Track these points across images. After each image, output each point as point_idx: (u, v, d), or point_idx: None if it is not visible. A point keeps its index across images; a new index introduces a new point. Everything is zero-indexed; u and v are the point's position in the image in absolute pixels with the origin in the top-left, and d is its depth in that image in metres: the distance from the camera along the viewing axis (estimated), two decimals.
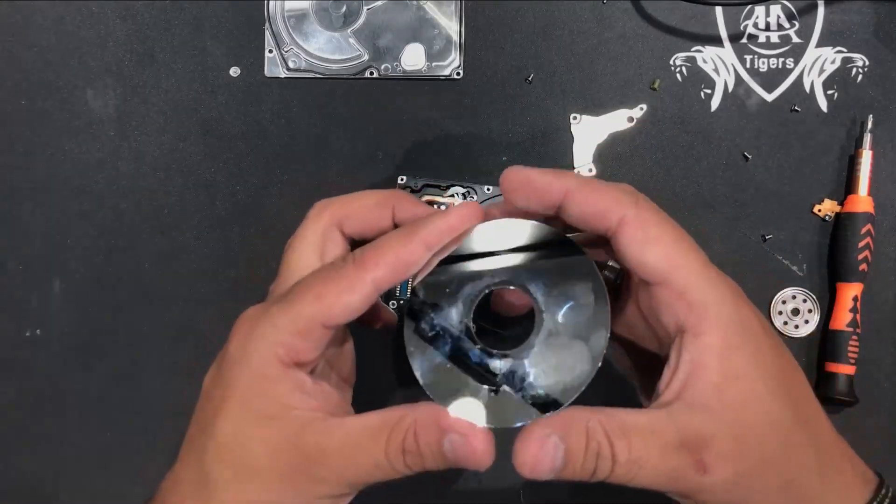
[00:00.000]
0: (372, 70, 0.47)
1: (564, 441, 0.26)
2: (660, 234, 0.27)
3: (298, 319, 0.28)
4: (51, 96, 0.47)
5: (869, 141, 0.44)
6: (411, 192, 0.46)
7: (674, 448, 0.25)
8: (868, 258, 0.43)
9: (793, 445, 0.27)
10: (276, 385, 0.28)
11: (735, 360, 0.26)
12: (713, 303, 0.26)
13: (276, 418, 0.28)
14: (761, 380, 0.26)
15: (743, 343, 0.26)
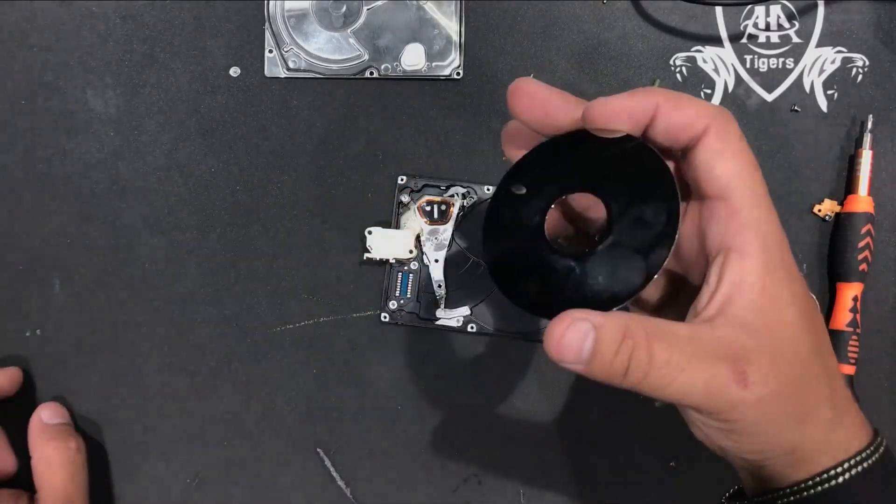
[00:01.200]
0: (372, 70, 0.47)
1: (598, 330, 0.25)
2: (736, 151, 0.27)
3: None
4: (51, 96, 0.47)
5: (869, 141, 0.44)
6: (411, 192, 0.46)
7: (717, 357, 0.25)
8: (868, 258, 0.43)
9: (813, 376, 0.27)
10: None
11: (775, 283, 0.27)
12: (763, 225, 0.27)
13: None
14: (793, 305, 0.27)
15: (781, 269, 0.27)
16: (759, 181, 0.27)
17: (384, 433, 0.46)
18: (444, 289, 0.45)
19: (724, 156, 0.27)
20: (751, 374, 0.25)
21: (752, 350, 0.26)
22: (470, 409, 0.45)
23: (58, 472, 0.41)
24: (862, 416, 0.29)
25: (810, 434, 0.27)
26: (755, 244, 0.27)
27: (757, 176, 0.27)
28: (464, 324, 0.45)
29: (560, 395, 0.45)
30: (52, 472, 0.41)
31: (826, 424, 0.27)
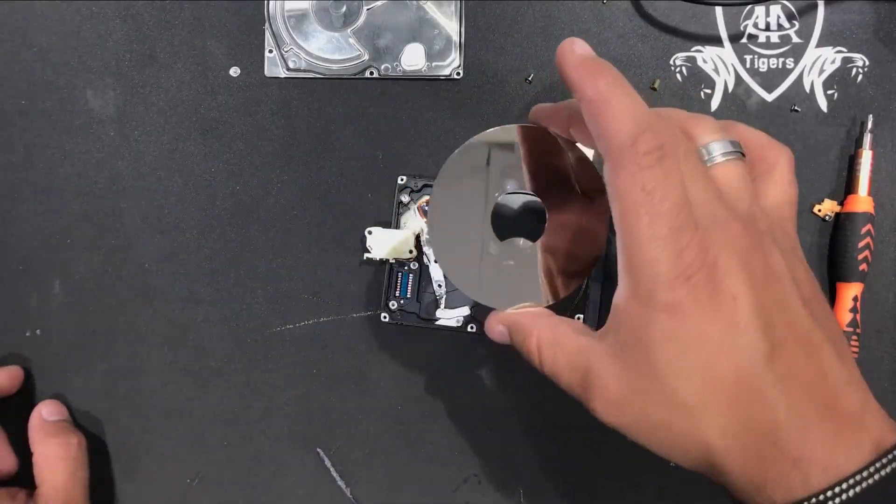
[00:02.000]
0: (372, 70, 0.47)
1: (510, 334, 0.33)
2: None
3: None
4: (51, 96, 0.47)
5: (869, 141, 0.44)
6: (411, 192, 0.46)
7: (574, 369, 0.31)
8: (868, 258, 0.43)
9: (750, 388, 0.26)
10: None
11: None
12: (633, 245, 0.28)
13: None
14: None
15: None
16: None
17: (384, 433, 0.46)
18: (444, 289, 0.45)
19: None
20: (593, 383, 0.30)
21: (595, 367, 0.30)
22: (470, 409, 0.45)
23: (58, 467, 0.41)
24: (881, 429, 0.27)
25: (717, 401, 0.26)
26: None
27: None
28: (464, 324, 0.45)
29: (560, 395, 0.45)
30: (52, 469, 0.41)
31: (782, 440, 0.26)
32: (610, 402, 0.29)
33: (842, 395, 0.27)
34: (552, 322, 0.32)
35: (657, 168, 0.26)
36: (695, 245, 0.26)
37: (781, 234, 0.30)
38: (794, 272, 0.29)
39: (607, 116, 0.27)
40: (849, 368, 0.28)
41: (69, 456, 0.42)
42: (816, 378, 0.27)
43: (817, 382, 0.27)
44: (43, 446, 0.42)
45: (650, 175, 0.26)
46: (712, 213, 0.27)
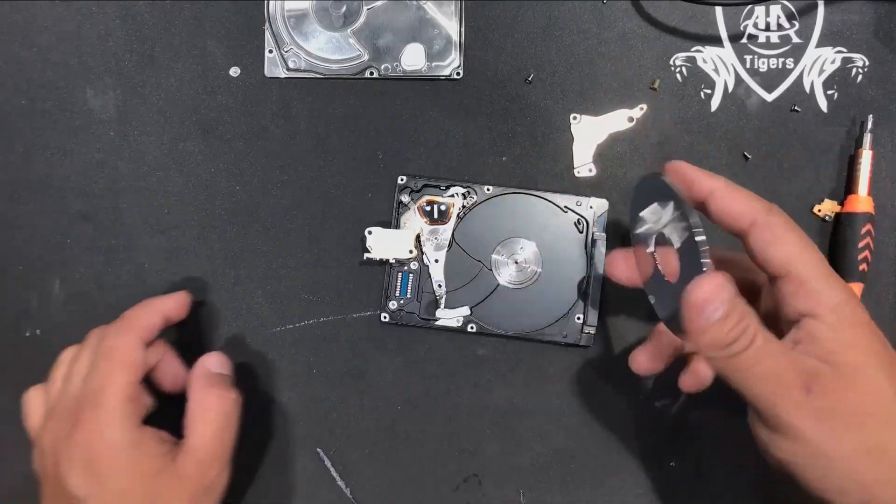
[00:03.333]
0: (372, 70, 0.47)
1: (730, 302, 0.30)
2: (785, 238, 0.32)
3: (125, 391, 0.38)
4: (51, 96, 0.47)
5: (869, 141, 0.44)
6: (411, 192, 0.46)
7: (794, 365, 0.30)
8: (868, 258, 0.43)
9: (892, 417, 0.29)
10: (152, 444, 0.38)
11: (848, 337, 0.31)
12: (828, 290, 0.31)
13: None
14: (873, 357, 0.30)
15: (853, 326, 0.31)
16: (812, 255, 0.32)
17: (384, 433, 0.46)
18: (444, 289, 0.45)
19: (774, 244, 0.32)
20: (814, 387, 0.29)
21: (824, 373, 0.30)
22: (470, 409, 0.45)
23: (211, 422, 0.39)
24: None
25: (890, 479, 0.29)
26: (824, 306, 0.31)
27: (810, 250, 0.32)
28: (464, 324, 0.45)
29: (560, 396, 0.45)
30: (206, 420, 0.39)
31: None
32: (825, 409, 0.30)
33: None
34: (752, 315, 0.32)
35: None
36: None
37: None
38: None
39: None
40: None
41: (225, 410, 0.40)
42: None
43: None
44: (201, 395, 0.40)
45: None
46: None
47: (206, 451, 0.39)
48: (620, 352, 0.45)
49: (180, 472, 0.37)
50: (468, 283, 0.45)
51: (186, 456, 0.38)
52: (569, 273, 0.45)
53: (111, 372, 0.38)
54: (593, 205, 0.45)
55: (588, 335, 0.45)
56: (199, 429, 0.39)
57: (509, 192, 0.46)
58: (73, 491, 0.36)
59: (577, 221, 0.45)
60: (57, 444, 0.37)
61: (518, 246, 0.46)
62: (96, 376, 0.38)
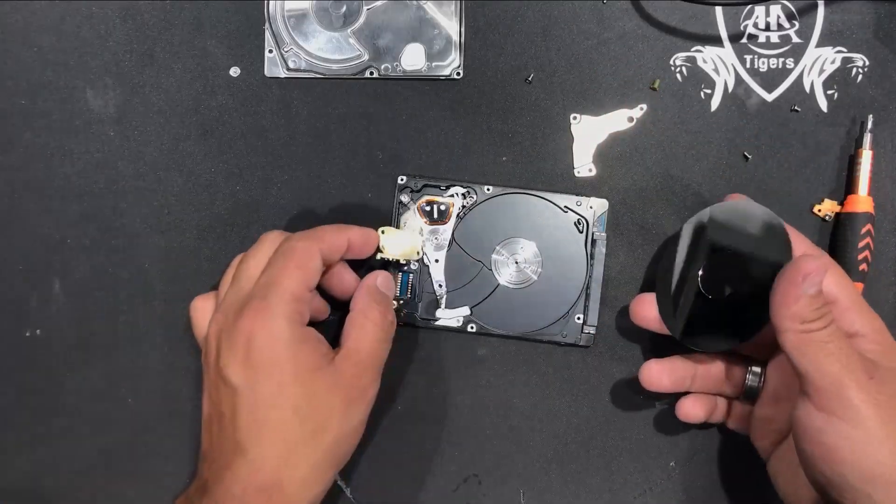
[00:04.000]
0: (372, 70, 0.47)
1: (825, 290, 0.35)
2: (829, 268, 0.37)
3: (297, 290, 0.38)
4: (51, 96, 0.47)
5: (869, 141, 0.44)
6: (411, 192, 0.46)
7: (858, 356, 0.34)
8: (868, 258, 0.43)
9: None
10: (314, 346, 0.38)
11: (891, 349, 0.36)
12: (870, 315, 0.37)
13: (321, 369, 0.37)
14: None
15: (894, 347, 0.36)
16: (853, 288, 0.37)
17: (385, 433, 0.46)
18: (445, 289, 0.45)
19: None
20: (875, 375, 0.33)
21: (881, 367, 0.34)
22: (470, 409, 0.45)
23: (371, 332, 0.40)
24: None
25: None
26: (868, 328, 0.37)
27: (850, 284, 0.38)
28: (464, 324, 0.45)
29: (560, 396, 0.45)
30: (366, 330, 0.40)
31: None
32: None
33: None
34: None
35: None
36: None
37: None
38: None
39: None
40: None
41: (385, 325, 0.40)
42: None
43: None
44: (365, 306, 0.40)
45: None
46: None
47: (364, 356, 0.39)
48: (621, 352, 0.45)
49: (337, 373, 0.38)
50: (468, 284, 0.45)
51: (344, 359, 0.38)
52: (569, 273, 0.45)
53: (286, 269, 0.38)
54: (593, 205, 0.45)
55: (588, 335, 0.45)
56: (359, 335, 0.39)
57: (509, 192, 0.46)
58: (232, 379, 0.36)
59: (577, 221, 0.45)
60: (221, 333, 0.38)
61: (518, 246, 0.46)
62: (271, 271, 0.38)
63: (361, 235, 0.42)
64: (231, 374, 0.36)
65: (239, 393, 0.36)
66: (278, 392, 0.36)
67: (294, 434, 0.36)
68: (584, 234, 0.45)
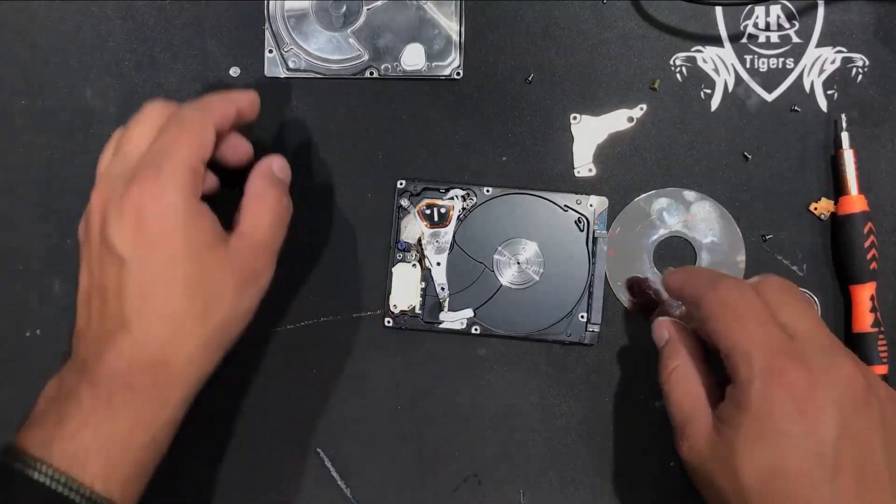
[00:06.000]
0: (372, 70, 0.47)
1: (664, 344, 0.39)
2: (717, 313, 0.35)
3: (191, 161, 0.36)
4: (51, 96, 0.47)
5: (847, 140, 0.44)
6: (410, 195, 0.46)
7: (681, 409, 0.37)
8: (876, 255, 0.43)
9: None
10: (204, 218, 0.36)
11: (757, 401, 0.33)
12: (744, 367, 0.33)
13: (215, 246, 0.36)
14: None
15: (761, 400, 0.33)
16: (741, 334, 0.34)
17: (384, 433, 0.46)
18: (447, 291, 0.45)
19: (709, 321, 0.35)
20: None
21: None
22: (470, 409, 0.45)
23: (266, 216, 0.38)
24: None
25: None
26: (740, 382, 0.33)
27: (737, 330, 0.34)
28: (468, 326, 0.45)
29: (561, 396, 0.45)
30: (262, 212, 0.39)
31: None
32: (693, 450, 0.35)
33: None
34: (692, 359, 0.37)
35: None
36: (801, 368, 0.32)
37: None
38: (885, 409, 0.32)
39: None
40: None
41: (281, 210, 0.39)
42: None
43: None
44: (261, 189, 0.39)
45: None
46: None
47: (259, 237, 0.38)
48: (624, 350, 0.45)
49: (231, 254, 0.36)
50: (471, 286, 0.45)
51: (239, 240, 0.37)
52: (571, 272, 0.45)
53: (179, 139, 0.36)
54: (594, 203, 0.45)
55: (592, 333, 0.45)
56: (254, 218, 0.38)
57: (509, 192, 0.46)
58: (120, 250, 0.34)
59: (577, 220, 0.45)
60: (108, 203, 0.35)
61: (519, 246, 0.46)
62: (163, 140, 0.36)
63: (247, 98, 0.40)
64: (119, 246, 0.34)
65: (127, 265, 0.34)
66: (169, 266, 0.35)
67: (182, 311, 0.35)
68: (586, 232, 0.45)
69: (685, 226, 0.45)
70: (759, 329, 0.33)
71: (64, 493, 0.32)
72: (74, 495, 0.32)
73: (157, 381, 0.35)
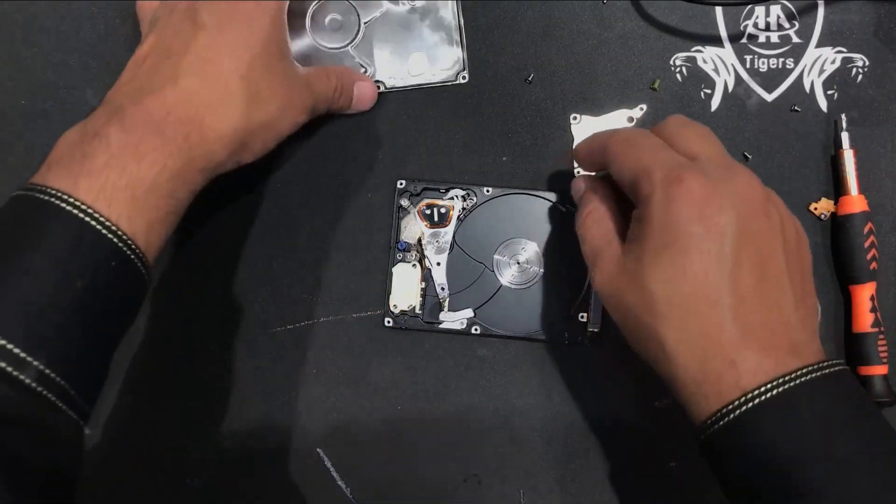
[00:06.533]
0: (379, 84, 0.46)
1: (581, 196, 0.41)
2: (616, 150, 0.36)
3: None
4: (51, 96, 0.47)
5: (847, 140, 0.44)
6: (410, 196, 0.46)
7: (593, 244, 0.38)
8: (876, 256, 0.43)
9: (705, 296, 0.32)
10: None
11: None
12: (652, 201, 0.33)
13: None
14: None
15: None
16: (632, 154, 0.36)
17: (384, 433, 0.46)
18: (447, 291, 0.45)
19: (613, 163, 0.37)
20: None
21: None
22: (470, 409, 0.45)
23: (327, 88, 0.43)
24: (813, 351, 0.32)
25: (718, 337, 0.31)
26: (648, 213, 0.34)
27: (629, 149, 0.36)
28: (468, 326, 0.45)
29: (561, 396, 0.45)
30: (329, 83, 0.43)
31: (720, 338, 0.31)
32: (604, 276, 0.36)
33: (789, 328, 0.32)
34: (603, 201, 0.38)
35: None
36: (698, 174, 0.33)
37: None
38: (784, 221, 0.34)
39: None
40: (804, 316, 0.33)
41: (333, 97, 0.43)
42: (770, 306, 0.32)
43: (769, 308, 0.32)
44: (347, 75, 0.44)
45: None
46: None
47: (317, 94, 0.41)
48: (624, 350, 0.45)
49: (298, 77, 0.40)
50: (471, 286, 0.45)
51: (305, 77, 0.41)
52: (571, 272, 0.45)
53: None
54: None
55: (592, 333, 0.45)
56: (324, 81, 0.42)
57: (509, 192, 0.46)
58: (203, 16, 0.36)
59: None
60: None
61: (519, 246, 0.46)
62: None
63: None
64: (205, 16, 0.35)
65: (204, 31, 0.35)
66: (244, 46, 0.36)
67: (234, 88, 0.36)
68: None
69: None
70: (660, 153, 0.34)
71: (92, 223, 0.31)
72: (102, 228, 0.31)
73: (188, 137, 0.34)
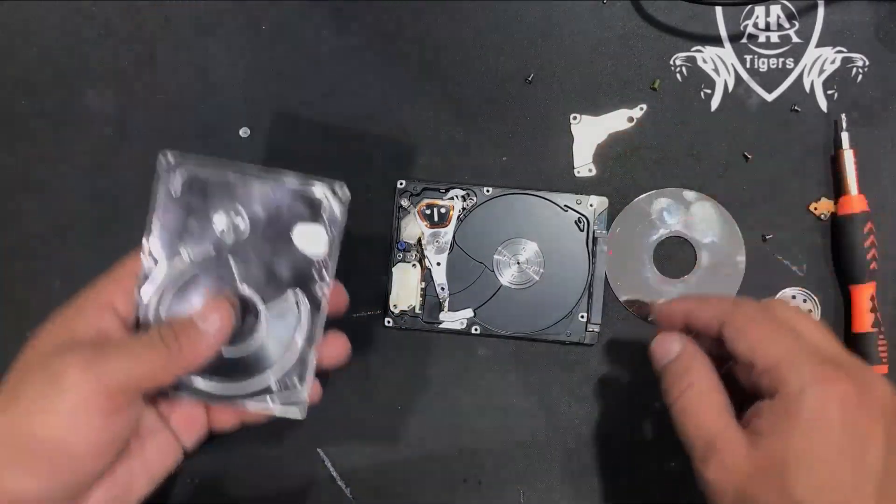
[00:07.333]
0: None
1: (674, 359, 0.36)
2: (746, 327, 0.33)
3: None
4: (51, 96, 0.47)
5: (847, 140, 0.44)
6: (410, 196, 0.46)
7: (703, 428, 0.33)
8: (875, 256, 0.43)
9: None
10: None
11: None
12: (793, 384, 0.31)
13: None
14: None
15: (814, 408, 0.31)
16: (778, 343, 0.32)
17: (384, 433, 0.46)
18: (447, 291, 0.45)
19: (737, 339, 0.33)
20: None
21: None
22: (470, 409, 0.45)
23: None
24: None
25: None
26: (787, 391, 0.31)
27: (776, 339, 0.33)
28: (468, 326, 0.45)
29: (560, 395, 0.45)
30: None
31: None
32: (727, 471, 0.32)
33: None
34: (710, 377, 0.35)
35: None
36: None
37: None
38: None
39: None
40: None
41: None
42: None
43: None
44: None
45: None
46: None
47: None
48: (624, 350, 0.45)
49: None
50: (471, 286, 0.45)
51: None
52: (571, 272, 0.45)
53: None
54: (594, 202, 0.45)
55: (592, 333, 0.45)
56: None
57: (509, 192, 0.46)
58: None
59: (577, 220, 0.45)
60: None
61: (519, 246, 0.46)
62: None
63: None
64: None
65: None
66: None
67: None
68: (586, 232, 0.45)
69: (685, 226, 0.46)
70: (798, 342, 0.32)
71: None
72: None
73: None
